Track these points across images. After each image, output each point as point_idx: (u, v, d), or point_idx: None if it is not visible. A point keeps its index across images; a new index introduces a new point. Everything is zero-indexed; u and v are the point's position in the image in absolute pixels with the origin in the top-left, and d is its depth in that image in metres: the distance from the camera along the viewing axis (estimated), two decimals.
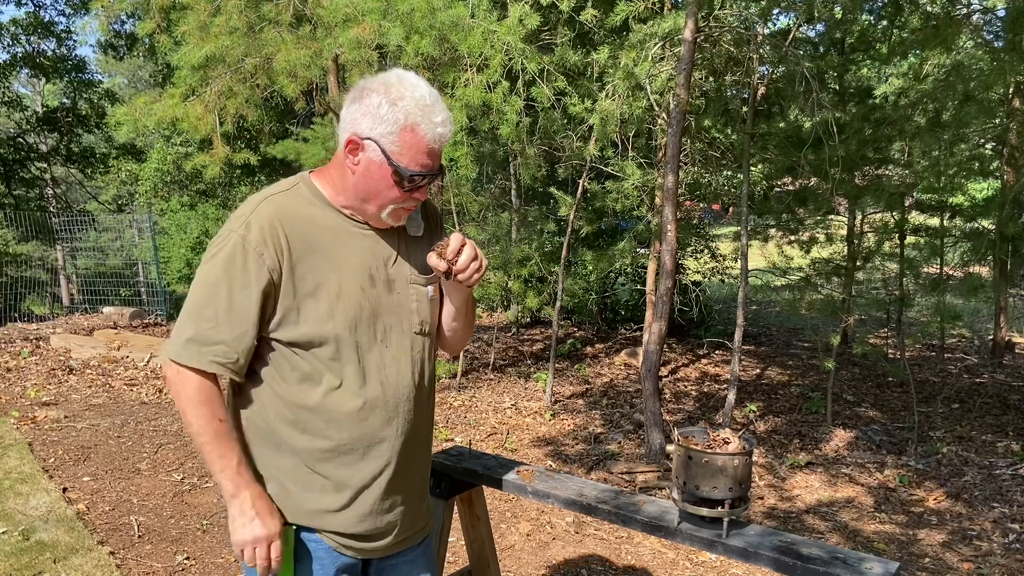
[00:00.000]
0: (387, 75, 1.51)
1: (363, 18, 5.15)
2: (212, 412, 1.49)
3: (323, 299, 1.52)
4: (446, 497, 2.26)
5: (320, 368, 1.53)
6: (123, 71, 28.52)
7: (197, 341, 1.47)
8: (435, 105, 1.48)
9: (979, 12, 6.42)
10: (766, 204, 7.24)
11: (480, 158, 7.45)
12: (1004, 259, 6.40)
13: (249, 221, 1.49)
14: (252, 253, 1.47)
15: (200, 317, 1.48)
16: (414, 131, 1.46)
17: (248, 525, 1.51)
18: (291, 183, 1.58)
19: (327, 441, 1.54)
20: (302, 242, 1.51)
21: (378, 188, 1.50)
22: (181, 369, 1.48)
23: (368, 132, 1.47)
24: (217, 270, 1.48)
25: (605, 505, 1.88)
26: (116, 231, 14.66)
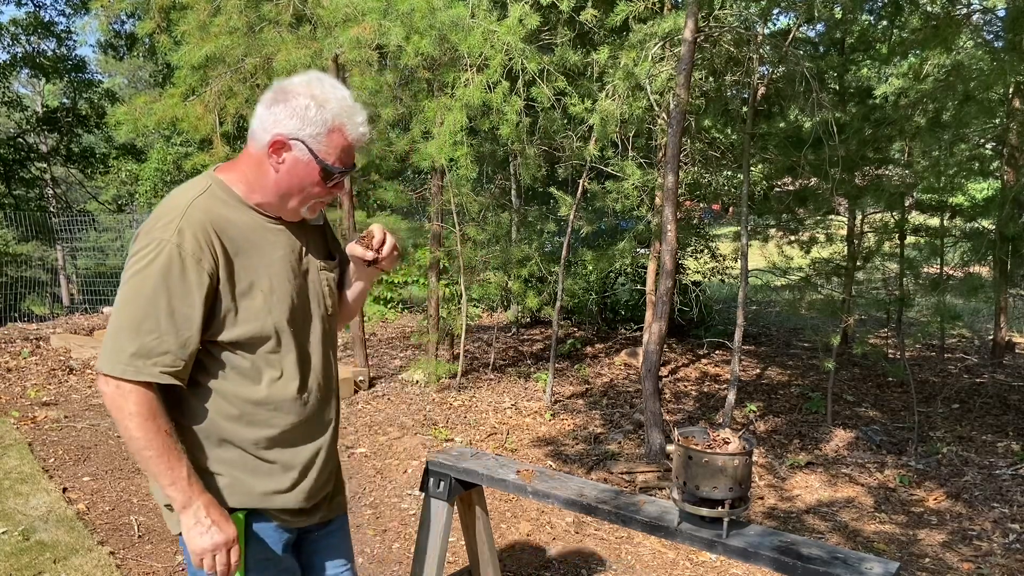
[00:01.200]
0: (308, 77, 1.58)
1: (363, 18, 5.15)
2: (158, 425, 1.49)
3: (258, 296, 1.58)
4: (446, 497, 2.26)
5: (260, 363, 1.59)
6: (123, 71, 28.52)
7: (142, 355, 1.47)
8: (356, 106, 1.58)
9: (979, 12, 6.42)
10: (766, 204, 7.24)
11: (480, 158, 7.45)
12: (1004, 259, 6.40)
13: (181, 228, 1.50)
14: (190, 260, 1.49)
15: (140, 331, 1.48)
16: (341, 131, 1.56)
17: (206, 533, 1.53)
18: (204, 184, 1.60)
19: (273, 429, 1.61)
20: (232, 244, 1.55)
21: (303, 184, 1.58)
22: (122, 384, 1.47)
23: (296, 133, 1.54)
24: (152, 281, 1.48)
25: (605, 505, 1.88)
26: (116, 231, 14.66)
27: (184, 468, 1.51)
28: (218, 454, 1.60)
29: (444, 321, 7.52)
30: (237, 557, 1.58)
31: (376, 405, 6.32)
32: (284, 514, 1.67)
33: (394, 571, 3.47)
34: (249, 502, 1.62)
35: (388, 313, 11.53)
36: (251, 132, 1.60)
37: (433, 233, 7.06)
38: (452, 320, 7.54)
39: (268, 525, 1.65)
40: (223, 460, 1.60)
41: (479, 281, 7.69)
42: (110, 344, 1.49)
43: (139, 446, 1.48)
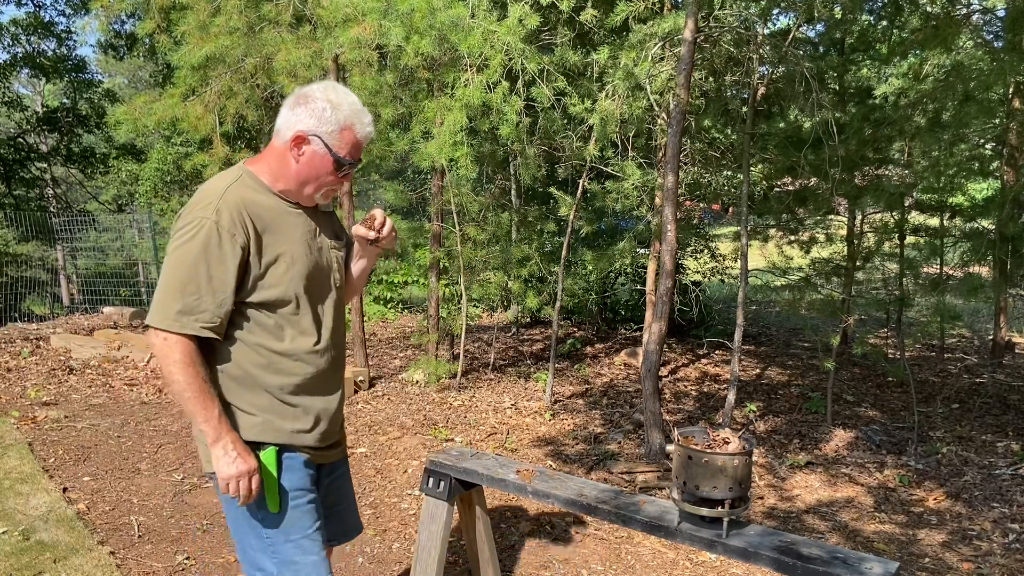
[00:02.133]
0: (324, 84, 1.91)
1: (363, 18, 5.15)
2: (196, 372, 1.79)
3: (281, 266, 1.88)
4: (446, 497, 2.26)
5: (282, 322, 1.91)
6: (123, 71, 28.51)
7: (185, 312, 1.78)
8: (363, 109, 1.92)
9: (979, 12, 6.42)
10: (766, 204, 7.24)
11: (480, 158, 7.45)
12: (1004, 259, 6.39)
13: (219, 208, 1.80)
14: (226, 234, 1.79)
15: (184, 292, 1.78)
16: (351, 130, 1.89)
17: (233, 463, 1.82)
18: (236, 174, 1.91)
19: (295, 377, 1.93)
20: (260, 222, 1.85)
21: (319, 174, 1.90)
22: (169, 336, 1.78)
23: (314, 130, 1.86)
24: (195, 251, 1.78)
25: (605, 505, 1.88)
26: (116, 231, 14.65)
27: (216, 409, 1.82)
28: (251, 398, 1.90)
29: (444, 321, 7.52)
30: (258, 485, 1.86)
31: (376, 405, 6.32)
32: (309, 450, 1.98)
33: (394, 571, 3.47)
34: (278, 439, 1.91)
35: (388, 313, 11.52)
36: (276, 130, 1.91)
37: (433, 233, 7.06)
38: (452, 320, 7.54)
39: (298, 459, 1.95)
40: (255, 403, 1.90)
41: (479, 281, 7.69)
42: (160, 303, 1.79)
43: (180, 388, 1.79)
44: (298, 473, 1.95)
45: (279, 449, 1.92)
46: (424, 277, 10.21)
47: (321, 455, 2.04)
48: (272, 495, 1.90)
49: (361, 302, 7.17)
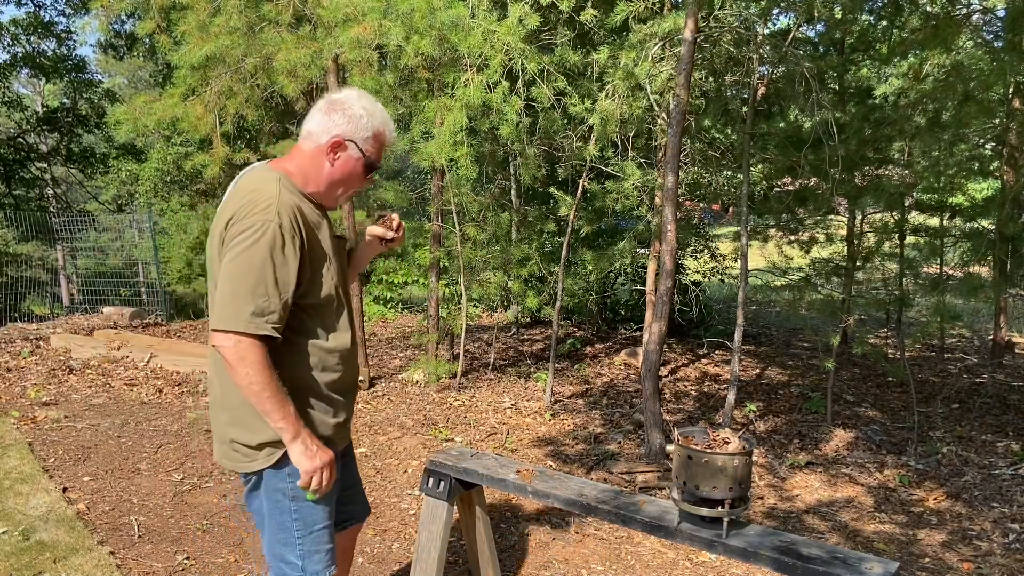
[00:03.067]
0: (356, 93, 2.00)
1: (363, 18, 5.15)
2: (272, 372, 1.83)
3: (326, 266, 1.96)
4: (446, 497, 2.26)
5: (328, 320, 1.98)
6: (123, 71, 28.51)
7: (257, 314, 1.81)
8: (389, 118, 2.04)
9: (979, 12, 6.42)
10: (766, 204, 7.24)
11: (480, 158, 7.44)
12: (1004, 259, 6.39)
13: (279, 210, 1.84)
14: (288, 236, 1.84)
15: (255, 294, 1.81)
16: (381, 136, 2.00)
17: (315, 456, 1.90)
18: (275, 175, 1.93)
19: (337, 374, 2.01)
20: (307, 224, 1.91)
21: (350, 176, 1.99)
22: (242, 339, 1.80)
23: (350, 135, 1.95)
24: (262, 253, 1.81)
25: (605, 505, 1.88)
26: (116, 231, 14.65)
27: (291, 406, 1.87)
28: (300, 395, 1.95)
29: (444, 321, 7.52)
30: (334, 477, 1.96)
31: (376, 405, 6.32)
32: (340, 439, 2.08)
33: (394, 571, 3.47)
34: (323, 432, 1.99)
35: (388, 313, 11.52)
36: (308, 133, 1.98)
37: (433, 233, 7.06)
38: (452, 320, 7.54)
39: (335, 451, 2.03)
40: (303, 401, 1.96)
41: (479, 281, 7.69)
42: (231, 306, 1.81)
43: (258, 389, 1.81)
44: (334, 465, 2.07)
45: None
46: (424, 277, 10.21)
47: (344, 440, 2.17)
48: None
49: (361, 302, 7.18)
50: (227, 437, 1.99)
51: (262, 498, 2.01)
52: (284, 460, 1.95)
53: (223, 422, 1.99)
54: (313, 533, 2.00)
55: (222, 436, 2.00)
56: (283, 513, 1.98)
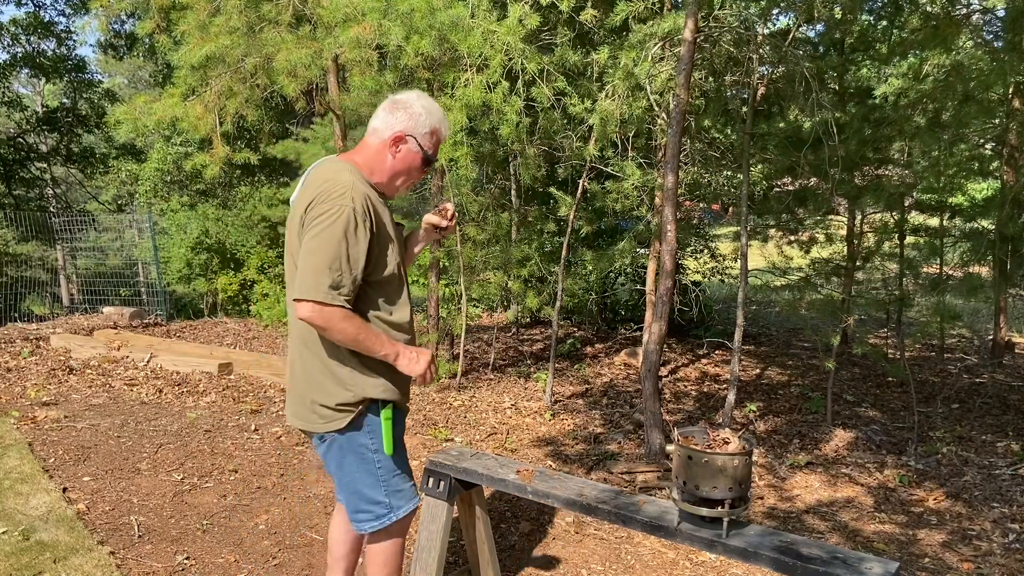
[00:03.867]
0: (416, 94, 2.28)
1: (363, 18, 5.15)
2: (357, 319, 2.12)
3: (390, 247, 2.21)
4: (446, 497, 2.26)
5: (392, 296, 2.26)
6: (123, 71, 28.51)
7: (333, 287, 2.07)
8: (444, 116, 2.30)
9: (979, 12, 6.42)
10: (766, 204, 7.24)
11: (480, 158, 7.45)
12: (1004, 259, 6.39)
13: (353, 196, 2.10)
14: (360, 218, 2.09)
15: (331, 269, 2.07)
16: (437, 132, 2.27)
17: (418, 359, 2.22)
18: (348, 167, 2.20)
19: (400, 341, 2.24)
20: (375, 209, 2.16)
21: (410, 168, 2.26)
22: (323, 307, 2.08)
23: (410, 131, 2.23)
24: (338, 233, 2.07)
25: (605, 505, 1.88)
26: (116, 231, 14.64)
27: (382, 335, 2.17)
28: (372, 363, 2.20)
29: (444, 321, 7.52)
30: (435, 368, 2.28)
31: None
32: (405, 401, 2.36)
33: None
34: (391, 396, 2.25)
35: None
36: (373, 130, 2.25)
37: None
38: (452, 320, 7.54)
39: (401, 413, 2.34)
40: (375, 367, 2.21)
41: (479, 281, 7.69)
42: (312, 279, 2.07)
43: (353, 335, 2.11)
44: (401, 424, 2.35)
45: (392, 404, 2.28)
46: (424, 277, 10.21)
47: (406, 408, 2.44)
48: (388, 441, 2.27)
49: None
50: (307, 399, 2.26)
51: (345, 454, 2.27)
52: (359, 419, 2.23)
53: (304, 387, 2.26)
54: (395, 476, 2.30)
55: (302, 399, 2.26)
56: (368, 464, 2.27)
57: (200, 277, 11.63)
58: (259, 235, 12.28)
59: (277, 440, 5.29)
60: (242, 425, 5.59)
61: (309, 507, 4.15)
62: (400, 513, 2.33)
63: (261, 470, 4.69)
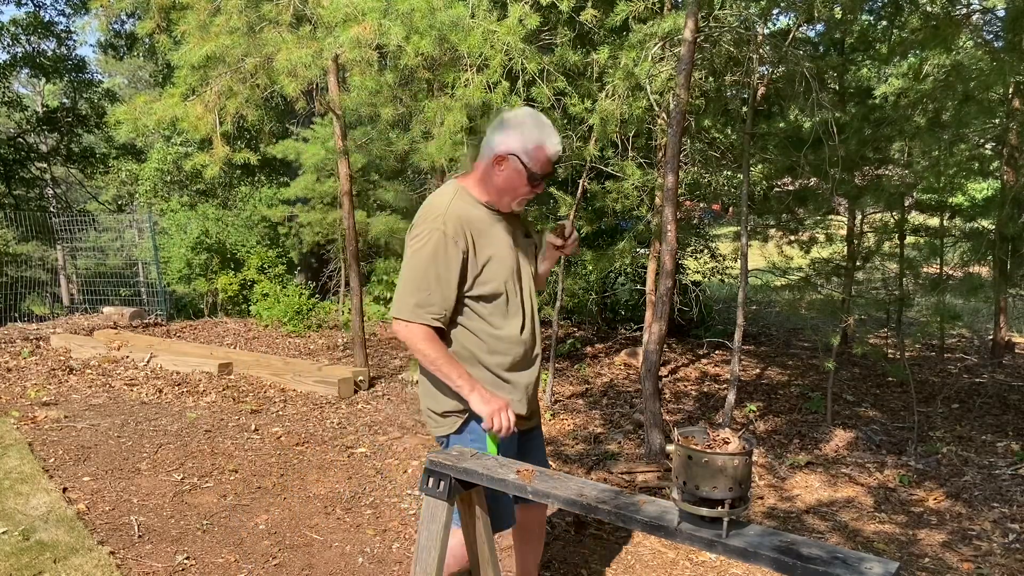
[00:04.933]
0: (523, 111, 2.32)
1: (363, 18, 5.14)
2: (439, 344, 2.24)
3: (494, 265, 2.27)
4: (446, 497, 2.26)
5: (496, 311, 2.30)
6: (123, 71, 28.51)
7: (419, 306, 2.21)
8: (553, 131, 2.28)
9: (979, 12, 6.42)
10: (766, 204, 7.23)
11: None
12: (1004, 259, 6.39)
13: (446, 219, 2.21)
14: (450, 241, 2.19)
15: (418, 289, 2.20)
16: (542, 148, 2.25)
17: (491, 401, 2.24)
18: (453, 190, 2.32)
19: (507, 357, 2.34)
20: (474, 230, 2.25)
21: (516, 186, 2.28)
22: (409, 324, 2.22)
23: (513, 150, 2.25)
24: (427, 255, 2.19)
25: (605, 505, 1.88)
26: (116, 231, 14.65)
27: (462, 369, 2.26)
28: (475, 374, 2.30)
29: None
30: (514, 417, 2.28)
31: (376, 405, 6.32)
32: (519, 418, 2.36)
33: (394, 571, 3.47)
34: None
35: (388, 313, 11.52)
36: (481, 151, 2.32)
37: None
38: None
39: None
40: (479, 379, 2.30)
41: None
42: (400, 297, 2.24)
43: (431, 359, 2.23)
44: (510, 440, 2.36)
45: None
46: None
47: (525, 422, 2.45)
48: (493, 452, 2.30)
49: (361, 302, 7.18)
50: (423, 405, 2.42)
51: None
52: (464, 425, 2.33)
53: (420, 393, 2.42)
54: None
55: (421, 404, 2.43)
56: None
57: (200, 277, 11.64)
58: (259, 235, 12.28)
59: (277, 440, 5.29)
60: (242, 425, 5.59)
61: (309, 507, 4.15)
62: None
63: (261, 470, 4.69)
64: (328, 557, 3.57)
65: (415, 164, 6.23)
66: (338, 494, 4.33)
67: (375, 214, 10.68)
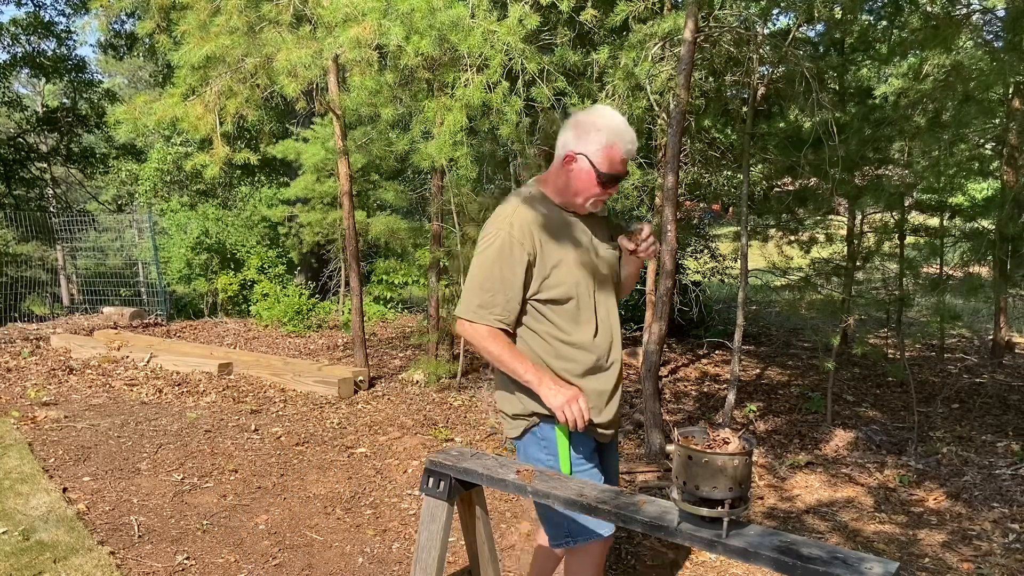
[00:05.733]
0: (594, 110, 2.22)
1: (363, 18, 5.14)
2: (503, 340, 2.20)
3: (563, 269, 2.21)
4: (446, 497, 2.26)
5: (566, 315, 2.23)
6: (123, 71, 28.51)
7: (483, 307, 2.19)
8: (627, 130, 2.18)
9: (979, 12, 6.42)
10: (766, 204, 7.23)
11: (480, 158, 7.44)
12: (1004, 259, 6.39)
13: (512, 222, 2.18)
14: (516, 243, 2.16)
15: (482, 290, 2.19)
16: (613, 148, 2.16)
17: (560, 392, 2.15)
18: (528, 192, 2.29)
19: (577, 363, 2.25)
20: (544, 232, 2.20)
21: (586, 187, 2.20)
22: (474, 324, 2.20)
23: (581, 149, 2.18)
24: (492, 257, 2.17)
25: (605, 505, 1.88)
26: (116, 231, 14.65)
27: (528, 361, 2.19)
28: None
29: (444, 321, 7.52)
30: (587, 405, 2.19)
31: (376, 405, 6.32)
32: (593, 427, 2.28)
33: (394, 571, 3.47)
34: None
35: (388, 313, 11.53)
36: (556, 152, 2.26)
37: (433, 233, 7.06)
38: (452, 320, 7.53)
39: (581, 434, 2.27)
40: None
41: None
42: (465, 298, 2.23)
43: (496, 355, 2.19)
44: (582, 444, 2.29)
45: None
46: (424, 277, 10.21)
47: (599, 433, 2.35)
48: (565, 460, 2.25)
49: (361, 302, 7.18)
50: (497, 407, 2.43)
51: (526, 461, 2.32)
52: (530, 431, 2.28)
53: (497, 394, 2.39)
54: None
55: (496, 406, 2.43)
56: None
57: (200, 277, 11.64)
58: (259, 235, 12.28)
59: (277, 440, 5.29)
60: (242, 425, 5.59)
61: (309, 507, 4.15)
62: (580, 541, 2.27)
63: (261, 470, 4.69)
64: (328, 557, 3.57)
65: (415, 164, 6.22)
66: (338, 494, 4.33)
67: (375, 214, 10.68)
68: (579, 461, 2.27)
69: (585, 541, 2.27)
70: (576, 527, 2.26)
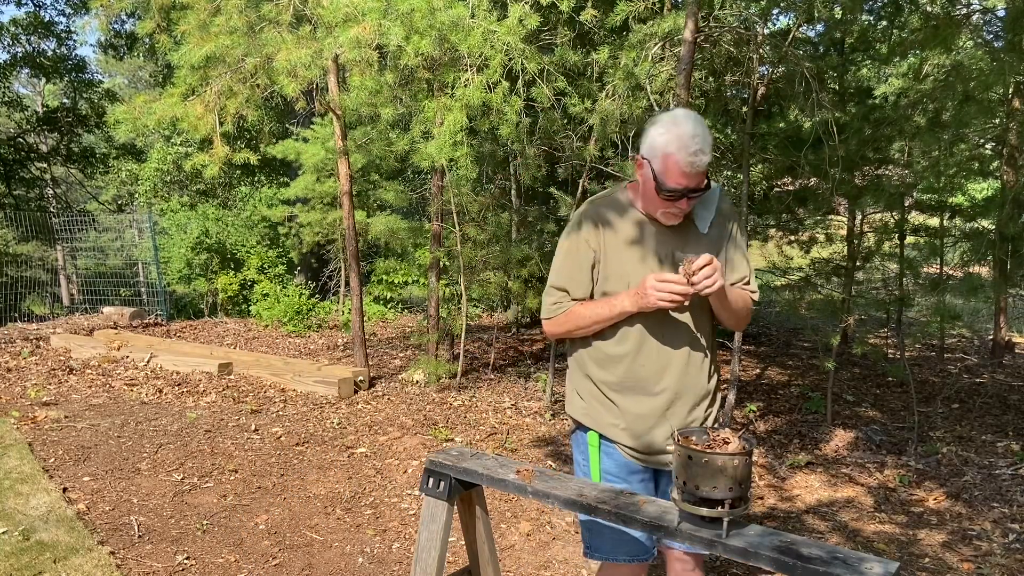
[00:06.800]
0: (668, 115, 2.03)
1: (363, 18, 5.14)
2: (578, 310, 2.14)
3: (620, 277, 2.10)
4: (446, 497, 2.26)
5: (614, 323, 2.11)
6: (123, 71, 28.51)
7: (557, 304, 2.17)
8: (693, 140, 1.94)
9: (979, 12, 6.42)
10: (766, 204, 7.24)
11: (480, 158, 7.44)
12: (1004, 259, 6.39)
13: (582, 217, 2.16)
14: (582, 241, 2.13)
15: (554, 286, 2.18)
16: (672, 158, 1.95)
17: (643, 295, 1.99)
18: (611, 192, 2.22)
19: (612, 376, 2.15)
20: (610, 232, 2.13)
21: (651, 195, 2.04)
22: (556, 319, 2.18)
23: (647, 155, 2.03)
24: (563, 250, 2.18)
25: (605, 505, 1.88)
26: (116, 231, 14.66)
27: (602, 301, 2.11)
28: (583, 384, 2.22)
29: (444, 321, 7.52)
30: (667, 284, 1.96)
31: (376, 405, 6.32)
32: (624, 447, 2.17)
33: (394, 571, 3.47)
34: (596, 426, 2.18)
35: (388, 313, 11.53)
36: None
37: (433, 233, 7.06)
38: (452, 320, 7.54)
39: (613, 448, 2.18)
40: (585, 389, 2.21)
41: (479, 281, 7.69)
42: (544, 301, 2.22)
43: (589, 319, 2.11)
44: (613, 460, 2.18)
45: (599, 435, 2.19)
46: (424, 277, 10.21)
47: (645, 458, 2.18)
48: (595, 467, 2.20)
49: (361, 302, 7.18)
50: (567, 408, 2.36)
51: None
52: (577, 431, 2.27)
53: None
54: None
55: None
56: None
57: (200, 277, 11.64)
58: (259, 235, 12.29)
59: (277, 440, 5.30)
60: (242, 425, 5.59)
61: (309, 507, 4.15)
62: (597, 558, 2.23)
63: (261, 470, 4.69)
64: (328, 557, 3.57)
65: (415, 164, 6.22)
66: (338, 494, 4.34)
67: (375, 214, 10.69)
68: (607, 476, 2.19)
69: (603, 559, 2.24)
70: (595, 542, 2.22)
